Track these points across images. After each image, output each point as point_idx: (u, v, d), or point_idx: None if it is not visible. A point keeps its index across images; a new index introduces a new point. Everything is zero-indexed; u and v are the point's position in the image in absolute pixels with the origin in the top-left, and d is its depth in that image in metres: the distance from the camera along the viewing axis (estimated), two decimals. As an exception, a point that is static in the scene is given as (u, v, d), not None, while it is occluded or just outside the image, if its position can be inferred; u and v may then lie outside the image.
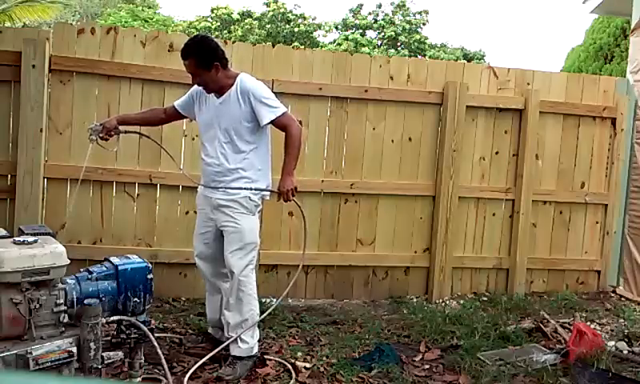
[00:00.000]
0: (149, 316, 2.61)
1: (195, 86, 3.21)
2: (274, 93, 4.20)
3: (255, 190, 3.09)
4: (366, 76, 4.45)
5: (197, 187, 4.16)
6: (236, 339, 3.07)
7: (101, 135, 3.17)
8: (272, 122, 3.08)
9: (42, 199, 3.88)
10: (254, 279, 3.18)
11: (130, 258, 2.50)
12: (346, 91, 4.41)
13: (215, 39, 3.24)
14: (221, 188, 3.10)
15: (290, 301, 4.31)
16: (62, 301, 2.22)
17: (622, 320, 4.33)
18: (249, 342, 3.10)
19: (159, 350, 2.43)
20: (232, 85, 3.08)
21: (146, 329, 2.41)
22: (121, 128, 3.24)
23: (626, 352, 3.61)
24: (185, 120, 4.13)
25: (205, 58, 3.00)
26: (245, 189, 3.07)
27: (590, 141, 4.97)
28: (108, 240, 4.06)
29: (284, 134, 3.11)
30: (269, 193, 3.20)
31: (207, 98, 3.18)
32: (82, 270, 2.42)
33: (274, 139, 3.26)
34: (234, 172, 3.08)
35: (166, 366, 2.43)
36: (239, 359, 3.06)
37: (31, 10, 11.16)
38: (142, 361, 2.54)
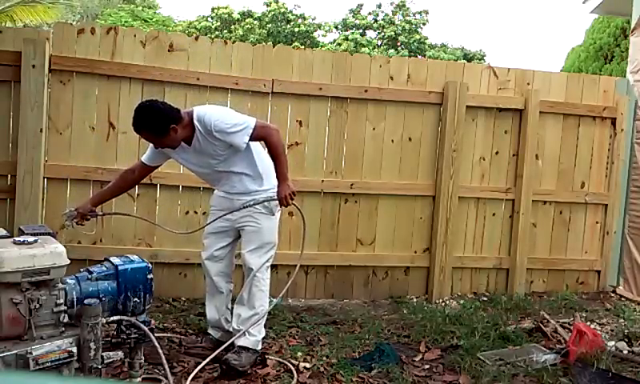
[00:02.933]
0: (149, 316, 2.61)
1: None
2: (273, 93, 4.25)
3: (254, 204, 3.10)
4: (366, 76, 4.45)
5: (198, 187, 4.19)
6: (244, 332, 3.08)
7: (76, 221, 3.09)
8: (250, 140, 3.03)
9: (42, 199, 3.88)
10: (269, 277, 3.22)
11: (130, 258, 2.50)
12: (346, 91, 4.41)
13: (159, 102, 3.06)
14: (240, 208, 3.13)
15: (290, 301, 4.31)
16: (62, 301, 2.22)
17: (622, 320, 4.33)
18: (256, 336, 3.13)
19: (160, 350, 2.42)
20: (193, 130, 3.00)
21: (146, 329, 2.41)
22: (97, 210, 3.18)
23: (625, 352, 3.61)
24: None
25: (159, 127, 2.90)
26: (246, 207, 3.10)
27: (590, 141, 4.97)
28: (108, 240, 4.07)
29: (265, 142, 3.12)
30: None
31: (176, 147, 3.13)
32: (81, 269, 2.42)
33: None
34: (248, 186, 3.13)
35: (166, 366, 2.43)
36: (245, 349, 3.07)
37: (32, 10, 11.18)
38: (142, 361, 2.54)
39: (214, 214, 3.27)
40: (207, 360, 2.93)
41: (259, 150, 3.19)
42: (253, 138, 3.00)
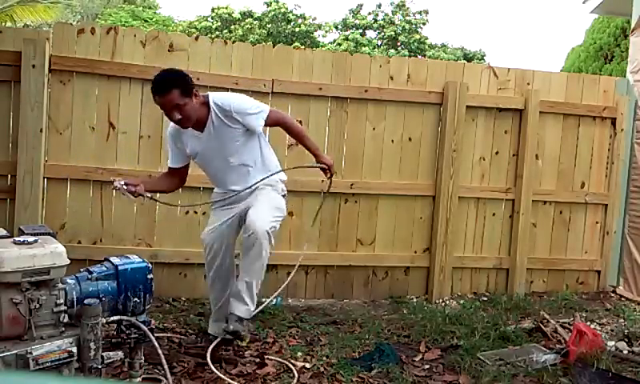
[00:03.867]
0: (149, 316, 2.61)
1: (169, 130, 3.15)
2: (273, 92, 4.25)
3: (308, 167, 3.23)
4: (366, 76, 4.45)
5: (198, 187, 4.18)
6: (239, 299, 3.01)
7: (126, 186, 2.94)
8: (265, 125, 3.12)
9: (42, 199, 3.88)
10: (270, 250, 3.03)
11: (129, 258, 2.50)
12: (346, 91, 4.41)
13: None
14: (266, 177, 3.12)
15: (289, 301, 4.31)
16: (62, 301, 2.22)
17: (622, 320, 4.33)
18: (248, 304, 3.01)
19: (159, 350, 2.42)
20: (208, 112, 2.99)
21: (146, 329, 2.41)
22: (148, 194, 3.08)
23: (625, 352, 3.61)
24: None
25: (186, 85, 2.90)
26: (296, 168, 3.27)
27: (590, 141, 4.97)
28: (108, 240, 4.07)
29: (282, 128, 3.22)
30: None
31: (187, 134, 3.07)
32: (81, 269, 2.42)
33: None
34: (257, 177, 3.11)
35: (166, 366, 2.43)
36: (242, 320, 3.01)
37: (32, 10, 11.19)
38: (142, 361, 2.54)
39: (217, 211, 3.23)
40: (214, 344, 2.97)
41: (266, 142, 3.23)
42: (268, 122, 3.08)
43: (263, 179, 3.11)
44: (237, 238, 3.28)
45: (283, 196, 3.22)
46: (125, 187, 2.92)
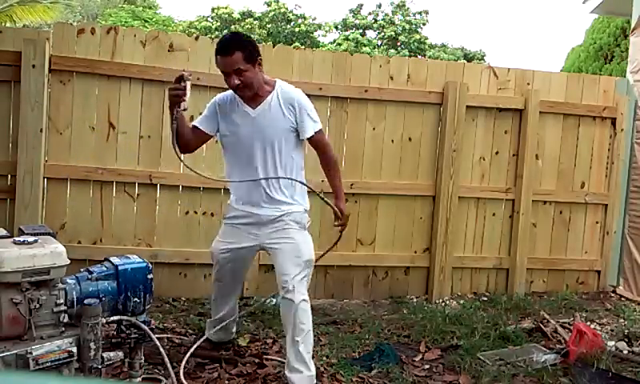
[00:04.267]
0: (149, 316, 2.61)
1: (219, 96, 2.91)
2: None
3: (323, 199, 2.87)
4: (366, 76, 4.45)
5: (198, 187, 4.19)
6: (293, 371, 2.77)
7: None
8: (311, 137, 2.87)
9: (42, 199, 3.88)
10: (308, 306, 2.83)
11: (130, 258, 2.50)
12: (346, 91, 4.41)
13: None
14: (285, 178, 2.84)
15: (290, 301, 4.31)
16: (62, 301, 2.21)
17: (622, 320, 4.33)
18: (303, 372, 2.77)
19: (162, 349, 2.43)
20: (270, 92, 2.81)
21: (147, 328, 2.41)
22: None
23: (625, 352, 3.61)
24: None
25: (251, 51, 2.71)
26: (311, 191, 2.90)
27: (590, 141, 4.97)
28: (108, 240, 4.06)
29: (319, 153, 2.95)
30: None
31: (236, 110, 2.84)
32: (82, 269, 2.42)
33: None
34: (280, 198, 2.86)
35: (169, 365, 2.43)
36: None
37: (32, 10, 11.19)
38: (142, 361, 2.54)
39: (235, 228, 2.96)
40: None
41: (302, 165, 2.98)
42: (317, 138, 2.89)
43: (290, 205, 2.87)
44: (249, 268, 3.20)
45: (306, 229, 2.97)
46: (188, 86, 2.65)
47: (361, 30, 23.99)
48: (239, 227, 2.94)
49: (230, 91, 2.84)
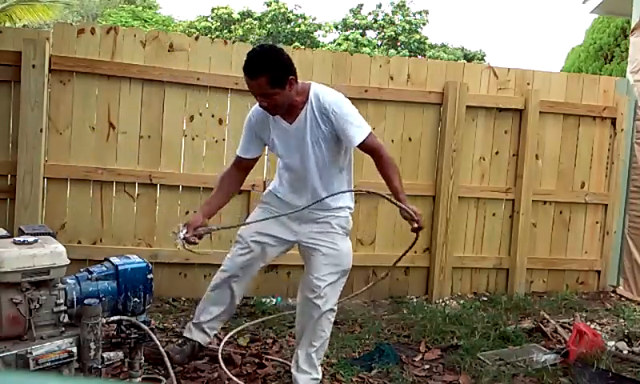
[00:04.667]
0: (149, 316, 2.61)
1: (253, 113, 2.75)
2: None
3: (389, 199, 2.71)
4: (366, 76, 4.45)
5: (197, 187, 4.19)
6: (300, 371, 2.77)
7: (186, 236, 2.65)
8: (360, 144, 2.65)
9: (42, 199, 3.88)
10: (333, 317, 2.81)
11: (130, 258, 2.50)
12: (346, 91, 4.35)
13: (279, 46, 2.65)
14: (371, 192, 2.75)
15: (290, 301, 4.31)
16: (62, 301, 2.21)
17: (622, 320, 4.33)
18: (310, 373, 2.77)
19: (161, 349, 2.43)
20: (304, 102, 2.61)
21: (147, 328, 2.41)
22: (210, 224, 2.78)
23: (625, 352, 3.61)
24: (184, 119, 4.16)
25: (280, 74, 2.47)
26: (373, 193, 2.76)
27: (590, 141, 4.97)
28: (108, 240, 4.07)
29: (373, 157, 2.75)
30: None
31: (274, 124, 2.70)
32: (81, 269, 2.42)
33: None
34: (330, 202, 2.73)
35: (169, 364, 2.43)
36: None
37: (31, 10, 11.19)
38: (142, 361, 2.54)
39: (267, 210, 2.84)
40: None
41: (350, 169, 2.87)
42: (366, 143, 2.65)
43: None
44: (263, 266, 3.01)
45: (349, 235, 2.90)
46: (184, 241, 2.63)
47: (361, 30, 24.00)
48: (279, 218, 2.80)
49: None
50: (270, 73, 2.45)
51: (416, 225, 2.72)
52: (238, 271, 2.92)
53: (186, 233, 2.64)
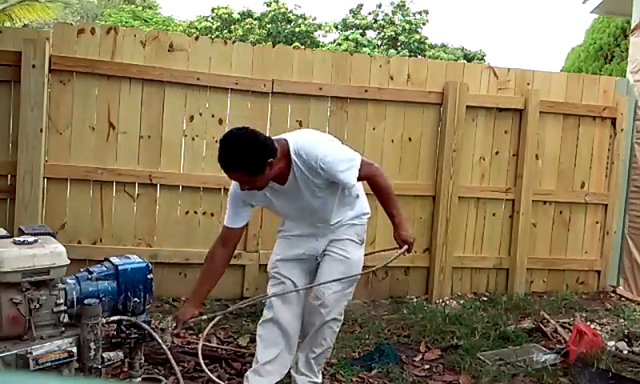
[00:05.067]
0: (149, 316, 2.61)
1: (236, 190, 2.64)
2: (273, 93, 4.24)
3: (391, 261, 2.83)
4: (366, 76, 4.45)
5: (198, 187, 4.19)
6: (299, 373, 2.79)
7: (176, 331, 2.64)
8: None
9: (42, 199, 3.88)
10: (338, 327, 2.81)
11: (130, 258, 2.50)
12: (346, 91, 4.41)
13: (249, 129, 2.50)
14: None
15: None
16: (62, 301, 2.22)
17: (622, 320, 4.33)
18: (310, 376, 2.79)
19: (164, 347, 2.43)
20: (288, 165, 2.54)
21: (148, 328, 2.41)
22: (202, 316, 2.77)
23: (625, 352, 3.61)
24: (184, 119, 4.16)
25: (258, 163, 2.40)
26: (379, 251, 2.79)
27: (590, 141, 4.97)
28: (108, 240, 4.06)
29: (369, 184, 2.79)
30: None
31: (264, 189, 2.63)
32: (81, 269, 2.42)
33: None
34: (346, 214, 2.78)
35: (174, 362, 2.44)
36: None
37: (31, 9, 11.19)
38: (142, 361, 2.54)
39: (292, 240, 2.81)
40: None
41: (355, 194, 2.86)
42: (360, 177, 2.63)
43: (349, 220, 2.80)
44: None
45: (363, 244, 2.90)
46: (174, 337, 2.65)
47: (361, 30, 23.97)
48: (296, 240, 2.81)
49: None
50: (248, 167, 2.40)
51: (404, 250, 2.82)
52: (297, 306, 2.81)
53: (175, 327, 2.62)
